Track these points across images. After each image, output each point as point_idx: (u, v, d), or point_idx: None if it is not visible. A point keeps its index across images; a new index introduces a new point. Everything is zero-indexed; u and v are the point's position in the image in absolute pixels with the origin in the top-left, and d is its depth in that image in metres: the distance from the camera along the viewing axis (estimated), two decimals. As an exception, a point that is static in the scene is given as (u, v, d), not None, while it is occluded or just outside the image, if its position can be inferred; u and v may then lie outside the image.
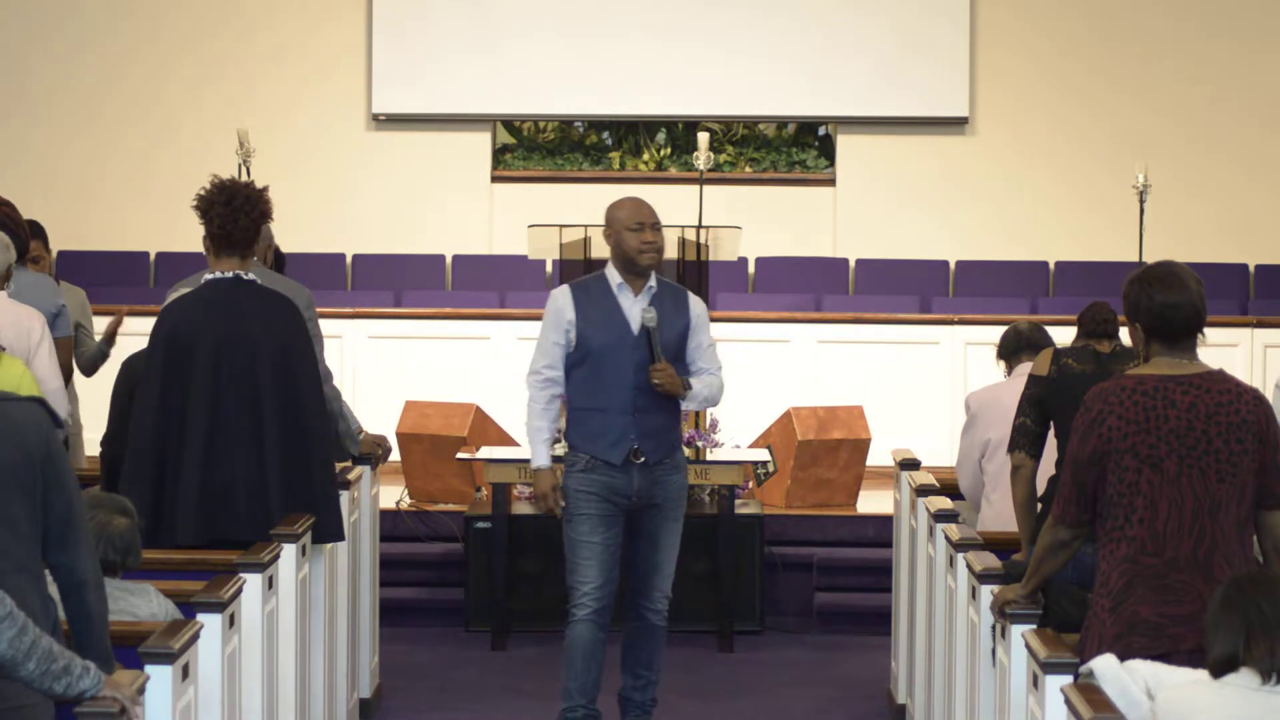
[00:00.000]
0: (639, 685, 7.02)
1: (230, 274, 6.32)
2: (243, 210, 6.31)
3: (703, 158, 12.62)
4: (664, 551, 6.91)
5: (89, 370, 8.18)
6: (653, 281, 6.86)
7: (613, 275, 6.87)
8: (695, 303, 6.95)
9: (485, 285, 13.78)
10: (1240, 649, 4.10)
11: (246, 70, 14.33)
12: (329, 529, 6.43)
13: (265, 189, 6.44)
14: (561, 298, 6.88)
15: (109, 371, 7.26)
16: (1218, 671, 4.12)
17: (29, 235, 7.63)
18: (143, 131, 14.30)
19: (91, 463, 7.83)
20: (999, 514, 6.99)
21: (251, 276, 6.36)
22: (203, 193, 6.36)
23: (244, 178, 12.49)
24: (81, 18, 14.28)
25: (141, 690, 4.42)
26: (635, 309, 6.82)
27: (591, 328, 6.82)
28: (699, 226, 10.31)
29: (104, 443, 6.74)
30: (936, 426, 11.48)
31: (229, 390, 6.20)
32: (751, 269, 14.06)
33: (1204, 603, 4.41)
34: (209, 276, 6.37)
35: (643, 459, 6.81)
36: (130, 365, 6.69)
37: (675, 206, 13.46)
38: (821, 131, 14.73)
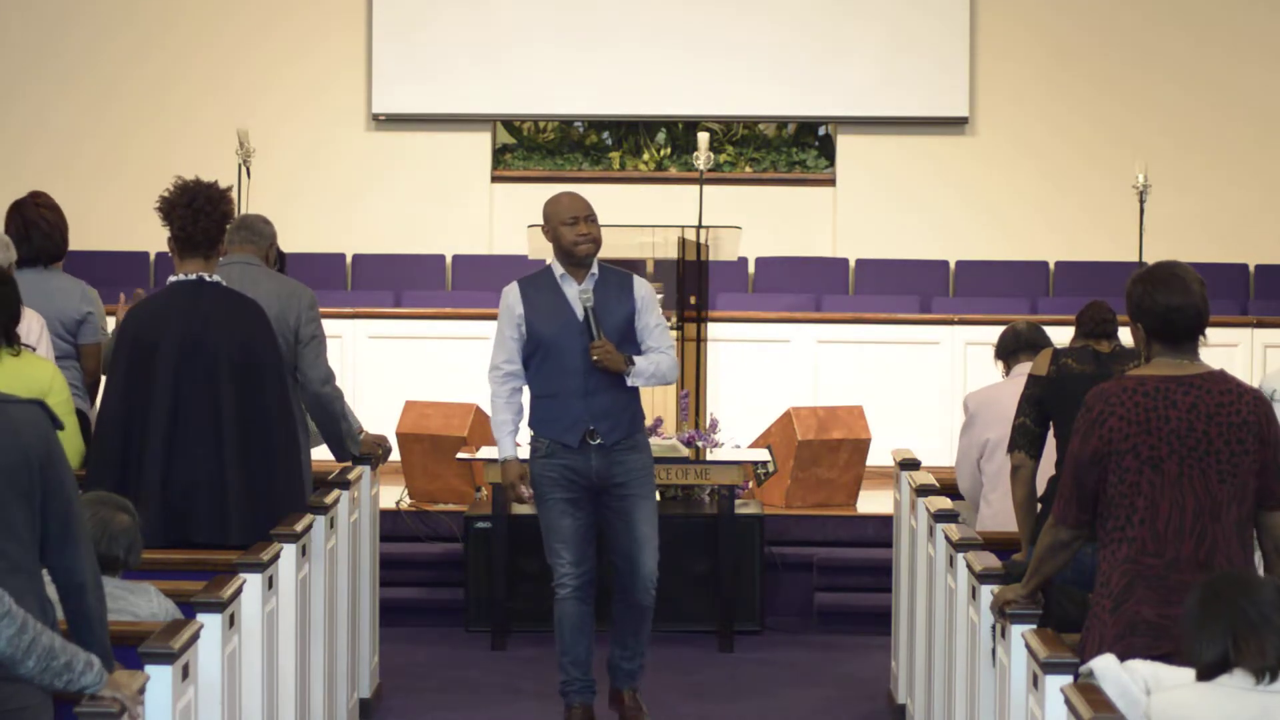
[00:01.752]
0: (626, 655, 7.25)
1: (193, 276, 6.31)
2: (204, 211, 6.28)
3: (703, 158, 12.61)
4: (641, 529, 7.07)
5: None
6: (595, 269, 7.08)
7: (556, 267, 7.11)
8: (640, 285, 7.15)
9: (485, 285, 13.75)
10: (1230, 651, 4.10)
11: (247, 71, 14.32)
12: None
13: (229, 189, 6.41)
14: (511, 294, 7.14)
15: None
16: (1208, 675, 4.12)
17: (66, 238, 7.51)
18: (143, 131, 14.29)
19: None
20: (997, 514, 6.99)
21: (215, 278, 6.34)
22: (165, 195, 6.33)
23: (245, 178, 12.58)
24: (87, 21, 14.28)
25: (142, 690, 4.42)
26: (578, 296, 7.02)
27: (539, 318, 7.06)
28: (699, 226, 10.29)
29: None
30: (936, 426, 11.47)
31: (190, 392, 6.18)
32: (751, 269, 14.06)
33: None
34: (173, 279, 6.36)
35: (599, 440, 7.02)
36: None
37: (675, 206, 13.48)
38: (821, 131, 14.72)
